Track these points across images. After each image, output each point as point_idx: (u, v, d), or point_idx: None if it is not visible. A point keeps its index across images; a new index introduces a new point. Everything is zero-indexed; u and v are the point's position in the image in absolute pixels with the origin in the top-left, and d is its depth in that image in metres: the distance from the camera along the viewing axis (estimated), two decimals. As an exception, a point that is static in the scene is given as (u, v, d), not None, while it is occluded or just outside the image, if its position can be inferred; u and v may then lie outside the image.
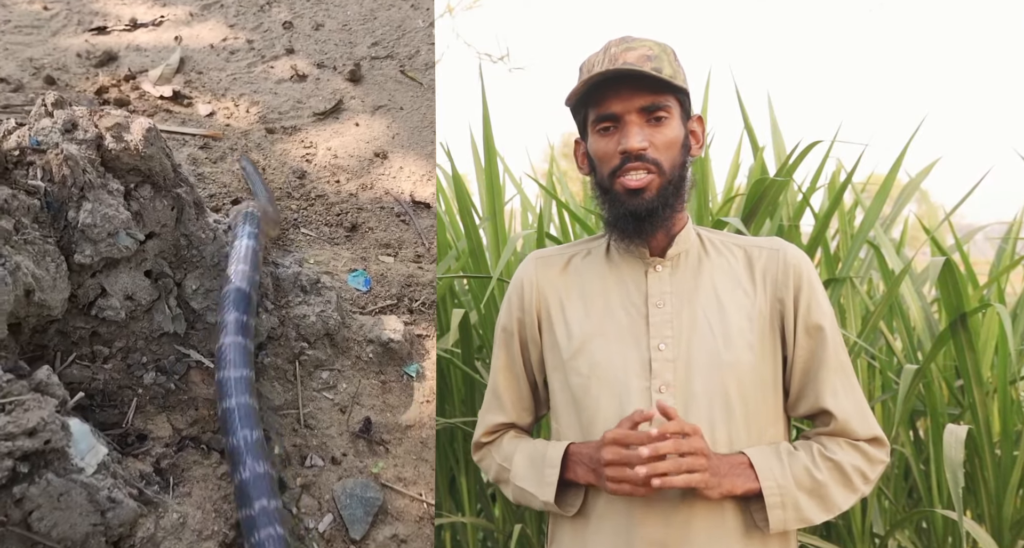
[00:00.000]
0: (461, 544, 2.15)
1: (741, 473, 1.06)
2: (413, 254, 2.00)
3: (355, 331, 1.70)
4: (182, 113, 2.34)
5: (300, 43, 2.67)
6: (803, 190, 2.10)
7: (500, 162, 2.21)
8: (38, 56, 2.46)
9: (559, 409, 1.20)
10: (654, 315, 1.14)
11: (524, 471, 1.18)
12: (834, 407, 1.11)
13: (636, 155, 1.09)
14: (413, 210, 2.11)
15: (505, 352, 1.27)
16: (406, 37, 2.69)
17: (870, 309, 1.93)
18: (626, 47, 1.11)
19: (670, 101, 1.11)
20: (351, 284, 1.86)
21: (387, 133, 2.34)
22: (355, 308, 1.80)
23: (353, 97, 2.46)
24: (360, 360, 1.67)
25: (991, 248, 2.41)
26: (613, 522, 1.10)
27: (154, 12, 2.74)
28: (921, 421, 2.15)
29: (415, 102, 2.46)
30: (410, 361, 1.71)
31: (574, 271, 1.23)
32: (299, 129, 2.34)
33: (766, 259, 1.17)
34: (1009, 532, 1.83)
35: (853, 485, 1.10)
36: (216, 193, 2.06)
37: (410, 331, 1.75)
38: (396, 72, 2.55)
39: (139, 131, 1.37)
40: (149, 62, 2.51)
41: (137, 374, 1.46)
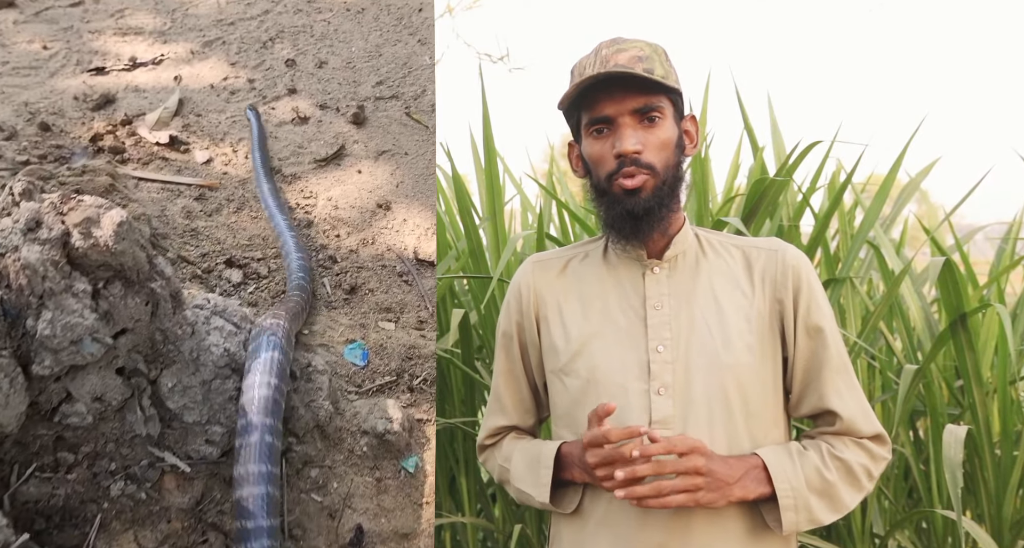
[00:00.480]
0: (461, 544, 2.15)
1: (754, 478, 1.05)
2: (415, 319, 1.87)
3: (348, 420, 1.56)
4: (178, 160, 2.25)
5: (303, 82, 2.60)
6: (803, 190, 2.10)
7: (500, 162, 2.21)
8: (34, 99, 2.39)
9: (559, 412, 1.20)
10: (652, 317, 1.14)
11: (522, 472, 1.19)
12: (839, 407, 1.11)
13: (631, 158, 1.09)
14: (416, 269, 1.99)
15: (505, 356, 1.27)
16: (412, 75, 2.61)
17: (870, 309, 1.93)
18: (617, 49, 1.10)
19: (663, 102, 1.11)
20: (347, 358, 1.72)
21: (391, 181, 2.25)
22: (351, 386, 1.67)
23: (356, 141, 2.38)
24: (353, 454, 1.53)
25: (991, 248, 2.41)
26: (613, 525, 1.10)
27: (155, 50, 2.68)
28: (921, 421, 2.15)
29: (420, 147, 2.38)
30: (408, 453, 1.57)
31: (572, 274, 1.23)
32: (299, 177, 2.25)
33: (765, 260, 1.17)
34: (1009, 532, 1.83)
35: (860, 484, 1.10)
36: (209, 251, 1.94)
37: (409, 417, 1.61)
38: (401, 114, 2.48)
39: (110, 226, 1.23)
40: (147, 104, 2.44)
41: (104, 485, 1.33)
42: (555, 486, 1.15)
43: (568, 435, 1.17)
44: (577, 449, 1.11)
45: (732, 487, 1.03)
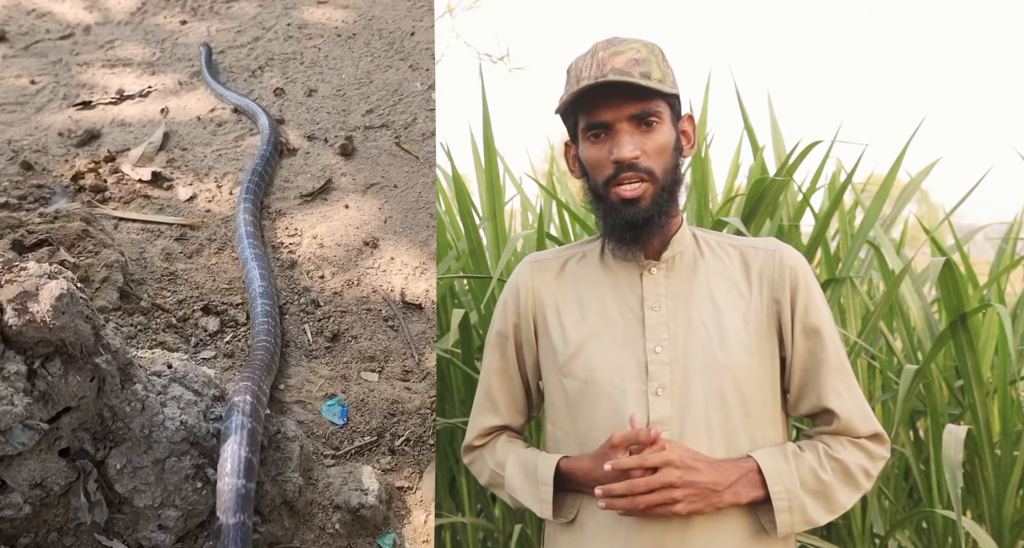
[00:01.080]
0: (461, 544, 2.15)
1: (748, 482, 1.05)
2: (400, 369, 1.78)
3: (320, 492, 1.44)
4: (161, 198, 2.18)
5: (291, 112, 2.52)
6: (803, 190, 2.10)
7: (500, 162, 2.21)
8: (19, 137, 2.33)
9: (555, 413, 1.20)
10: (650, 318, 1.14)
11: (518, 483, 1.18)
12: (837, 406, 1.11)
13: (629, 165, 1.09)
14: (404, 313, 1.88)
15: (500, 355, 1.27)
16: (403, 102, 2.54)
17: (870, 309, 1.93)
18: (614, 51, 1.09)
19: (660, 106, 1.10)
20: (325, 416, 1.62)
21: (379, 216, 2.15)
22: (327, 449, 1.57)
23: (344, 174, 2.29)
24: (325, 532, 1.41)
25: (991, 248, 2.41)
26: (610, 528, 1.10)
27: (142, 82, 2.62)
28: (921, 421, 2.15)
29: (410, 178, 2.28)
30: (386, 528, 1.44)
31: (570, 275, 1.23)
32: (284, 213, 2.17)
33: (762, 260, 1.17)
34: (1009, 532, 1.83)
35: (857, 484, 1.10)
36: (186, 297, 1.87)
37: (389, 485, 1.50)
38: (391, 144, 2.40)
39: (48, 300, 1.11)
40: (132, 139, 2.37)
41: (43, 582, 1.19)
42: (554, 496, 1.15)
43: (565, 436, 1.17)
44: (582, 463, 1.11)
45: (722, 494, 1.04)
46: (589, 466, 1.10)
